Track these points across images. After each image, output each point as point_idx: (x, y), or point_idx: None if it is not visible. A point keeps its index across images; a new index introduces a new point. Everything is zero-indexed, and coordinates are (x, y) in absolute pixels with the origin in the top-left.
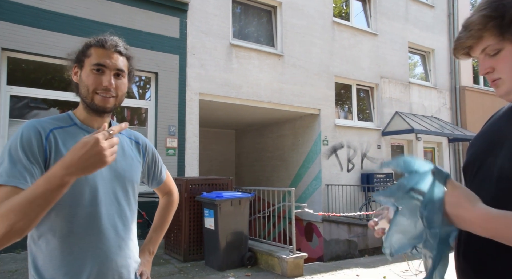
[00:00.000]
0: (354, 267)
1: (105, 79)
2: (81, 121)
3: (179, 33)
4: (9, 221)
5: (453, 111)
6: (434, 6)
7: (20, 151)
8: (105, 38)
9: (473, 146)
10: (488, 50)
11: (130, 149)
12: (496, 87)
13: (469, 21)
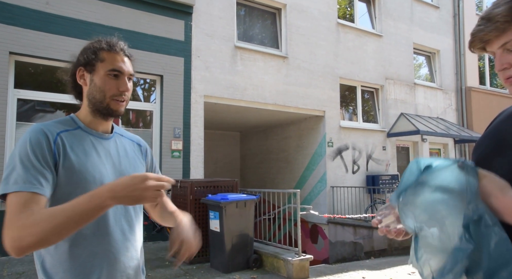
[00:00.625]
0: (360, 269)
1: (122, 84)
2: (85, 125)
3: (184, 36)
4: (42, 232)
5: (459, 112)
6: (439, 7)
7: (32, 156)
8: (114, 42)
9: (480, 146)
10: (509, 45)
11: (133, 151)
12: (511, 85)
13: (493, 13)
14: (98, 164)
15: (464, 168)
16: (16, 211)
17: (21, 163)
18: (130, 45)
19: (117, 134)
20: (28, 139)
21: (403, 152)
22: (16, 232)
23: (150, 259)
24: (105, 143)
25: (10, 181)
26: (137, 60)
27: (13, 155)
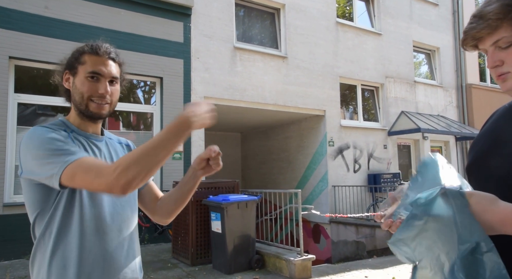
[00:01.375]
0: (363, 268)
1: (101, 87)
2: (76, 127)
3: (183, 37)
4: (141, 164)
5: (460, 110)
6: (438, 4)
7: (59, 137)
8: (98, 45)
9: (476, 145)
10: (501, 42)
11: (123, 152)
12: (503, 82)
13: (485, 11)
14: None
15: (447, 195)
16: (97, 165)
17: (59, 145)
18: (129, 48)
19: (107, 137)
20: (39, 133)
21: (404, 150)
22: (117, 171)
23: (152, 261)
24: (98, 144)
25: (64, 156)
26: (136, 62)
27: (33, 151)
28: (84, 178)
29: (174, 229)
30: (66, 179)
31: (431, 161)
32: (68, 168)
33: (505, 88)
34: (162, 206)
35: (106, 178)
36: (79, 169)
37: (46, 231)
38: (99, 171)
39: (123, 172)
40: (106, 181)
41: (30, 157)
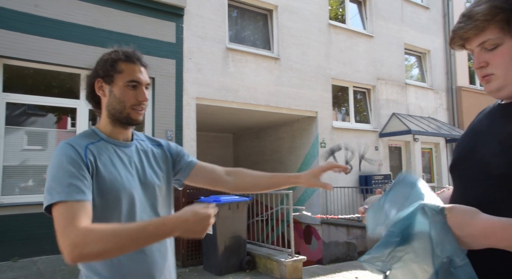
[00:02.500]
0: (353, 269)
1: (140, 94)
2: (107, 135)
3: (175, 38)
4: (106, 246)
5: (450, 112)
6: (429, 7)
7: (69, 168)
8: (131, 52)
9: (460, 144)
10: (487, 44)
11: (154, 154)
12: (487, 83)
13: (474, 11)
14: (125, 173)
15: (425, 211)
16: (69, 219)
17: (60, 176)
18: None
19: (137, 141)
20: (61, 155)
21: (395, 151)
22: (78, 239)
23: None
24: (127, 151)
25: (53, 192)
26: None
27: (51, 171)
28: (56, 224)
29: None
30: (53, 214)
31: (407, 178)
32: (56, 205)
33: (488, 89)
34: (236, 182)
35: (65, 239)
36: (58, 212)
37: None
38: (67, 226)
39: (83, 243)
40: (63, 242)
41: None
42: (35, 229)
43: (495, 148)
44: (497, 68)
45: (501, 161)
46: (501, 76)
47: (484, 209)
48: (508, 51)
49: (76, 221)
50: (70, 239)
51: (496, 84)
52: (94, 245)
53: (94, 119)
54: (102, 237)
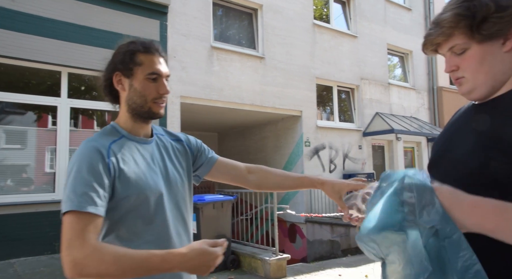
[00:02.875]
0: (337, 267)
1: (162, 87)
2: (128, 132)
3: (159, 36)
4: (106, 270)
5: (431, 112)
6: (411, 9)
7: (88, 175)
8: (149, 43)
9: (437, 144)
10: (456, 49)
11: (175, 150)
12: (459, 85)
13: (441, 18)
14: (149, 171)
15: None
16: (77, 232)
17: (77, 184)
18: (103, 45)
19: (157, 136)
20: (82, 162)
21: (378, 150)
22: (80, 258)
23: None
24: (148, 148)
25: (68, 200)
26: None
27: (70, 176)
28: (63, 234)
29: None
30: (63, 221)
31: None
32: (67, 214)
33: (461, 91)
34: (258, 182)
35: (67, 254)
36: (67, 223)
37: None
38: (72, 241)
39: (84, 264)
40: (66, 257)
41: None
42: (12, 230)
43: (470, 147)
44: (466, 72)
45: (476, 160)
46: (471, 79)
47: None
48: (474, 56)
49: (84, 236)
50: (73, 256)
51: (467, 87)
52: (94, 268)
53: (76, 118)
54: (103, 261)
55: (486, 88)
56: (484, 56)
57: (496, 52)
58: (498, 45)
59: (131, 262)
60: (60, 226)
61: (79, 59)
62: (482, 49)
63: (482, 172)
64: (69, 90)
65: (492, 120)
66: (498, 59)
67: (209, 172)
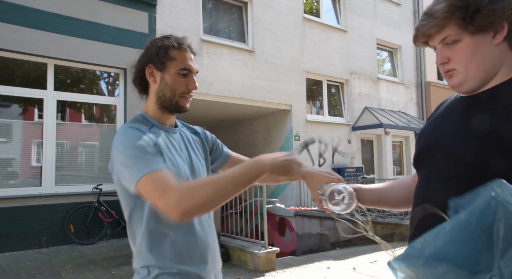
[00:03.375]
0: (325, 259)
1: (191, 82)
2: (157, 121)
3: (148, 28)
4: (208, 195)
5: (419, 106)
6: (400, 4)
7: (145, 144)
8: (182, 40)
9: (423, 136)
10: (448, 40)
11: (195, 141)
12: (449, 78)
13: (434, 9)
14: (180, 159)
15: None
16: (165, 183)
17: (139, 153)
18: (91, 37)
19: (180, 127)
20: (132, 137)
21: (367, 144)
22: (180, 198)
23: (114, 256)
24: (175, 137)
25: (138, 167)
26: (99, 52)
27: (126, 151)
28: (151, 193)
29: None
30: (140, 190)
31: None
32: (142, 179)
33: (451, 84)
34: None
35: (167, 200)
36: (149, 183)
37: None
38: (165, 189)
39: (185, 198)
40: (166, 203)
41: (118, 160)
42: None
43: (465, 138)
44: (458, 64)
45: (473, 151)
46: (462, 71)
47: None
48: (467, 47)
49: (170, 183)
50: (174, 198)
51: (458, 79)
52: (197, 198)
53: (63, 111)
54: (202, 188)
55: (477, 81)
56: (476, 48)
57: (487, 45)
58: (489, 38)
59: (225, 178)
60: (47, 220)
61: (66, 51)
62: (474, 41)
63: (478, 163)
64: (55, 82)
65: (487, 114)
66: (489, 51)
67: (222, 167)
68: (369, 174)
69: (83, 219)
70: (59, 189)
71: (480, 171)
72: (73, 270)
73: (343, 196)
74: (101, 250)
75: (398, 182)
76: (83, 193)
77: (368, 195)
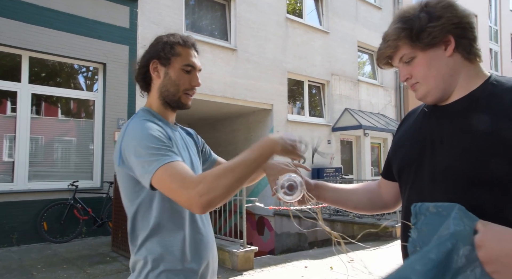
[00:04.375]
0: (303, 259)
1: (194, 79)
2: (162, 117)
3: (129, 23)
4: (228, 183)
5: (398, 109)
6: (381, 8)
7: (158, 136)
8: (187, 37)
9: (403, 146)
10: (404, 58)
11: (190, 140)
12: (415, 91)
13: (386, 34)
14: (185, 154)
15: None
16: (183, 175)
17: (154, 144)
18: (69, 29)
19: (177, 125)
20: (144, 129)
21: (347, 145)
22: (201, 188)
23: (89, 255)
24: (177, 134)
25: (155, 158)
26: (78, 46)
27: (141, 142)
28: (170, 185)
29: (115, 221)
30: (156, 181)
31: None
32: (159, 170)
33: (418, 97)
34: None
35: (188, 192)
36: (167, 174)
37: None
38: (183, 181)
39: (206, 189)
40: (187, 195)
41: (131, 152)
42: None
43: (448, 149)
44: (418, 78)
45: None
46: (424, 84)
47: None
48: (422, 62)
49: (190, 174)
50: (196, 189)
51: (421, 91)
52: (218, 188)
53: (39, 105)
54: (221, 178)
55: (439, 91)
56: (430, 62)
57: (441, 58)
58: (441, 51)
59: (239, 163)
60: (18, 217)
61: (42, 43)
62: (427, 56)
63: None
64: (30, 75)
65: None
66: (443, 63)
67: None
68: (348, 174)
69: (58, 216)
70: (32, 185)
71: (465, 179)
72: (45, 269)
73: (292, 184)
74: (76, 248)
75: (363, 186)
76: (58, 190)
77: (330, 193)
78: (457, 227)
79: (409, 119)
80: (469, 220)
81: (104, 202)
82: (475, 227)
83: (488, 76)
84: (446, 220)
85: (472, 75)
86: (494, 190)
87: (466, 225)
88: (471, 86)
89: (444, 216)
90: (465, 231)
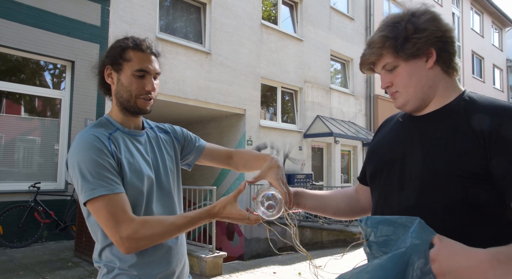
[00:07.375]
0: (272, 264)
1: (148, 84)
2: (121, 125)
3: (100, 21)
4: (158, 233)
5: (368, 118)
6: (354, 19)
7: (100, 159)
8: (141, 40)
9: (376, 153)
10: (387, 67)
11: (163, 142)
12: (394, 99)
13: (371, 40)
14: (144, 163)
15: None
16: (119, 212)
17: (94, 169)
18: (34, 24)
19: (148, 128)
20: (88, 149)
21: (318, 152)
22: (133, 233)
23: (50, 260)
24: (141, 140)
25: (92, 186)
26: (44, 42)
27: (79, 164)
28: (104, 219)
29: (79, 225)
30: (92, 208)
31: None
32: (97, 199)
33: (396, 105)
34: (237, 164)
35: (120, 233)
36: (104, 206)
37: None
38: (118, 220)
39: (137, 235)
40: (119, 235)
41: (72, 169)
42: None
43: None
44: (399, 87)
45: (432, 170)
46: (404, 93)
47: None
48: (404, 72)
49: (126, 214)
50: (126, 233)
51: (401, 100)
52: (148, 237)
53: None
54: (154, 227)
55: (417, 101)
56: (411, 72)
57: (421, 69)
58: (422, 62)
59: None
60: None
61: (4, 37)
62: (409, 66)
63: (436, 183)
64: None
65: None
66: (423, 75)
67: (199, 159)
68: (318, 181)
69: (16, 219)
70: None
71: (430, 188)
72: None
73: (271, 203)
74: (35, 253)
75: (341, 192)
76: (17, 191)
77: (310, 200)
78: (414, 240)
79: (385, 126)
80: (427, 234)
81: (68, 204)
82: (431, 241)
83: (462, 91)
84: (406, 232)
85: (449, 88)
86: (456, 199)
87: (423, 239)
88: (446, 100)
89: (404, 227)
90: (421, 245)
